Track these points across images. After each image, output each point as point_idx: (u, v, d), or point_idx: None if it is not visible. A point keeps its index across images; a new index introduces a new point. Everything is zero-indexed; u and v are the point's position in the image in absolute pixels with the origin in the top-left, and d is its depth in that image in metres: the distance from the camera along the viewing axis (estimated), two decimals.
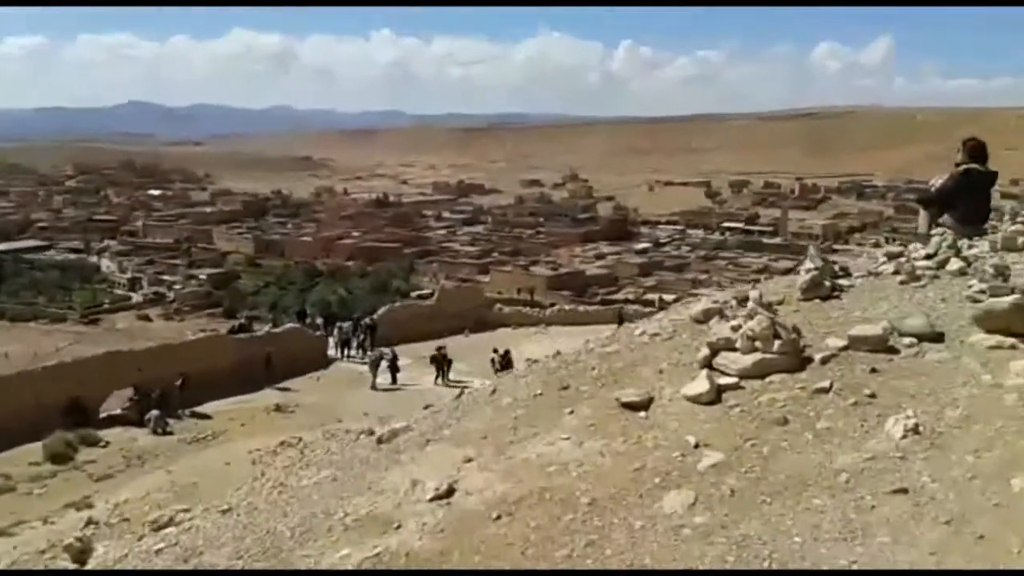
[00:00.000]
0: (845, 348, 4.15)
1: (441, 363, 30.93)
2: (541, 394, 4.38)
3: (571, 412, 3.96)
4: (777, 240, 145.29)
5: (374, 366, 31.16)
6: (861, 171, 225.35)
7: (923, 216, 8.80)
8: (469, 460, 3.75)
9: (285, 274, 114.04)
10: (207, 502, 13.53)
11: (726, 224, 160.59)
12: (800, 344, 4.18)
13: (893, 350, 4.07)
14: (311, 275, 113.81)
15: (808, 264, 5.70)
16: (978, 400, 3.45)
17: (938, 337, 4.14)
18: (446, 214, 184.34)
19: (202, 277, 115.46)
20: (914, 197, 9.98)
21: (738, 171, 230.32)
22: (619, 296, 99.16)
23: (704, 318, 5.06)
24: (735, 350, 4.14)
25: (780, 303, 5.22)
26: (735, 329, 4.21)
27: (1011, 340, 3.93)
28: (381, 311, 41.24)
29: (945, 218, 8.54)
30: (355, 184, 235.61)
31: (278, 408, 27.73)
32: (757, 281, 7.67)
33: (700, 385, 3.88)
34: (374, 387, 30.32)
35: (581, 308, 47.60)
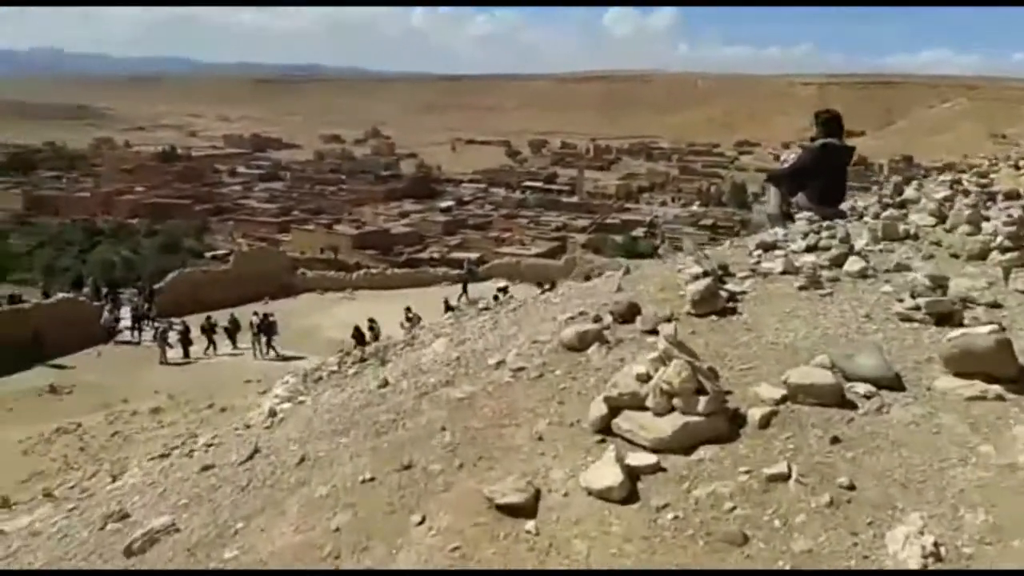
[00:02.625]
0: (783, 399, 3.09)
1: (211, 333, 29.41)
2: (373, 479, 3.03)
3: (422, 521, 2.65)
4: (574, 199, 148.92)
5: (162, 339, 29.00)
6: (649, 133, 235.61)
7: (773, 194, 8.07)
8: None
9: (61, 233, 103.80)
10: None
11: (527, 183, 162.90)
12: (725, 395, 3.08)
13: (847, 403, 3.05)
14: (91, 234, 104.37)
15: (692, 265, 4.64)
16: (994, 491, 2.48)
17: (896, 382, 3.17)
18: (241, 169, 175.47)
19: None
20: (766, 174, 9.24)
21: (537, 131, 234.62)
22: (425, 255, 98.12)
23: (580, 344, 3.88)
24: (644, 408, 2.98)
25: (669, 320, 4.13)
26: (642, 379, 3.05)
27: (995, 388, 3.01)
28: (170, 276, 38.15)
29: (799, 197, 7.85)
30: (138, 135, 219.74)
31: (52, 389, 24.88)
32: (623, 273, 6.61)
33: (607, 473, 2.67)
34: (164, 362, 28.23)
35: (389, 271, 46.02)
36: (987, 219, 5.67)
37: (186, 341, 29.08)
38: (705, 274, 4.44)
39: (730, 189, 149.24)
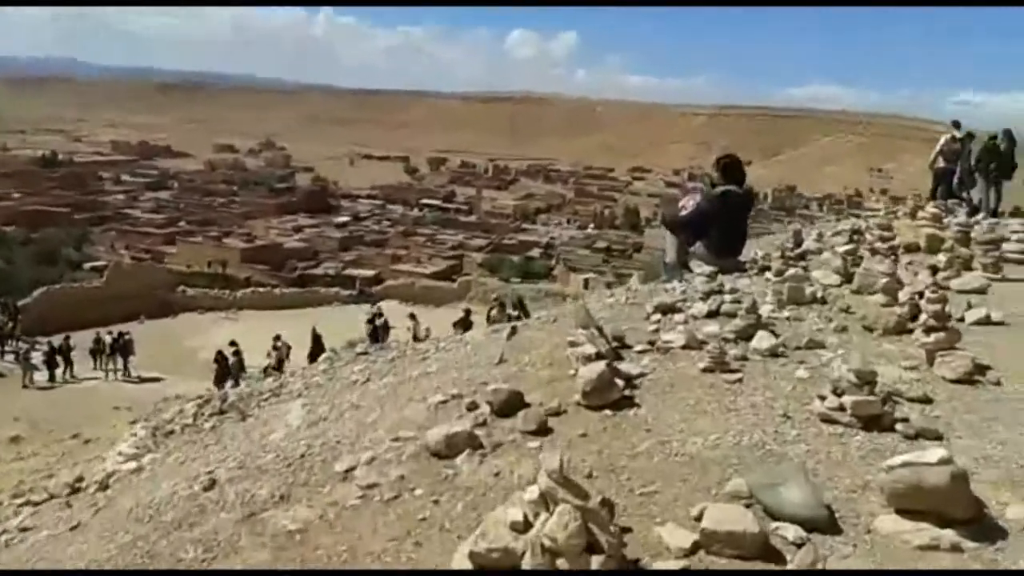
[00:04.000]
0: (694, 547, 2.46)
1: (67, 354, 27.59)
2: None
3: None
4: (472, 218, 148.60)
5: (25, 360, 27.07)
6: (547, 156, 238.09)
7: (671, 242, 7.60)
8: None
9: None
10: None
11: (424, 201, 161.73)
12: (623, 544, 2.42)
13: (773, 553, 2.44)
14: None
15: (585, 343, 3.98)
16: None
17: (831, 522, 2.58)
18: (126, 177, 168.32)
19: None
20: (662, 219, 8.84)
21: (437, 148, 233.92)
22: (319, 271, 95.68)
23: (448, 451, 3.19)
24: (519, 569, 2.29)
25: (557, 414, 3.48)
26: (518, 529, 2.37)
27: (948, 534, 2.46)
28: (38, 292, 35.79)
29: (697, 246, 7.42)
30: (18, 139, 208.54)
31: None
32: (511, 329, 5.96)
33: None
34: (27, 385, 26.24)
35: (278, 290, 44.43)
36: (900, 285, 5.25)
37: (52, 363, 27.11)
38: (599, 355, 3.81)
39: (624, 213, 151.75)
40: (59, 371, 27.05)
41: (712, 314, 5.09)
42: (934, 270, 6.21)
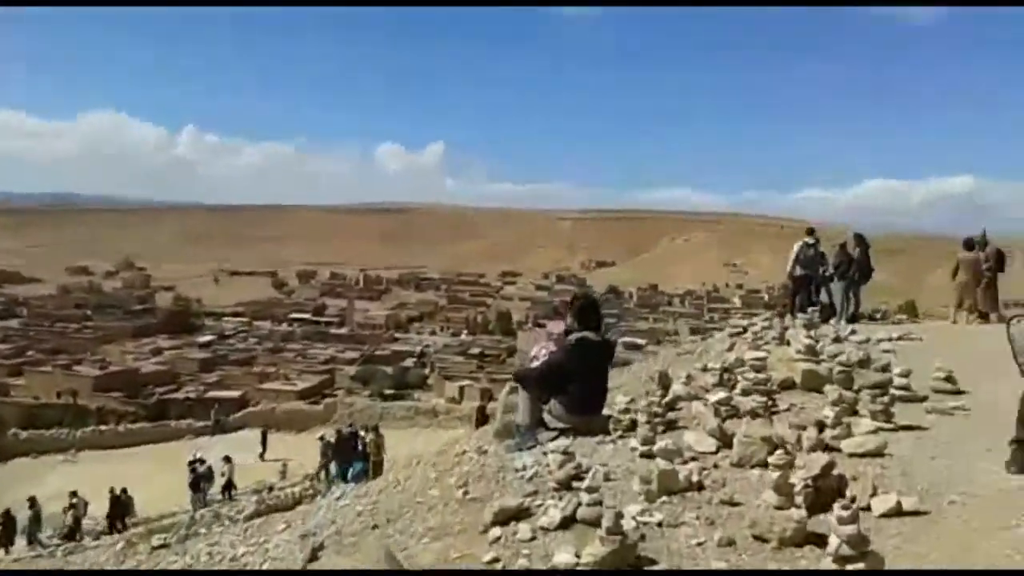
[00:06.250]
0: None
1: None
2: None
3: None
4: (344, 331, 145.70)
5: None
6: (418, 264, 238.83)
7: (523, 400, 6.46)
8: None
9: None
10: None
11: (294, 315, 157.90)
12: None
13: None
14: None
15: None
16: None
17: None
18: None
19: None
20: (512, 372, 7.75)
21: (306, 261, 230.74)
22: (179, 395, 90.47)
23: None
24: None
25: None
26: None
27: None
28: None
29: (553, 404, 6.32)
30: None
31: None
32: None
33: None
34: None
35: (122, 427, 40.96)
36: (790, 461, 4.22)
37: None
38: None
39: (496, 318, 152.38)
40: None
41: (567, 522, 3.94)
42: (820, 427, 5.32)
